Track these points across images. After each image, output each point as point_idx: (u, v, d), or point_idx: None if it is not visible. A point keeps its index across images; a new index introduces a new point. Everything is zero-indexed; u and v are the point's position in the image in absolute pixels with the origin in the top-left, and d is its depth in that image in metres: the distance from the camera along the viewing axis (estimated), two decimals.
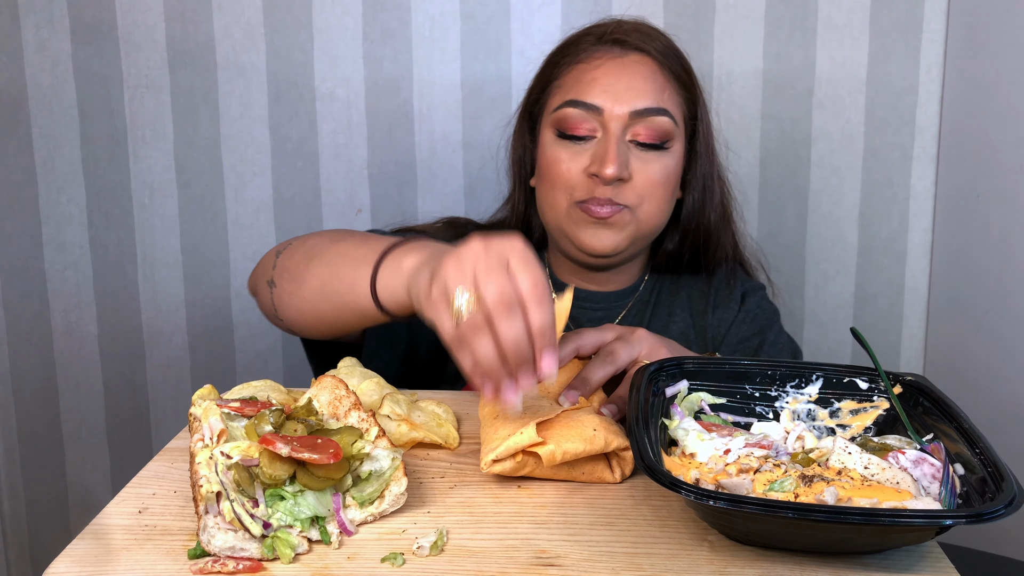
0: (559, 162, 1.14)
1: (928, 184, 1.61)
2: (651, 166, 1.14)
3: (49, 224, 1.70)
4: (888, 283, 1.65)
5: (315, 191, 1.68)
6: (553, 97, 1.18)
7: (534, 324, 0.73)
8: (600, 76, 1.14)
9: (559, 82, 1.18)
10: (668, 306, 1.25)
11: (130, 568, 0.65)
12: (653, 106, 1.13)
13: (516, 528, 0.71)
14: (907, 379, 0.82)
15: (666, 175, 1.15)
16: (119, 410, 1.77)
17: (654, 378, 0.82)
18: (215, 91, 1.64)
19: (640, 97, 1.12)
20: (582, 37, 1.19)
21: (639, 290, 1.26)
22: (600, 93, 1.13)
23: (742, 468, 0.72)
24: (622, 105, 1.12)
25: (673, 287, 1.27)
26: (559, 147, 1.15)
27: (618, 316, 1.24)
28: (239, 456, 0.68)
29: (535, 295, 0.73)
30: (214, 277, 1.71)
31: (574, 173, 1.13)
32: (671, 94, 1.16)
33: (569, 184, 1.14)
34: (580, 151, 1.14)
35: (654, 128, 1.13)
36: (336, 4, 1.61)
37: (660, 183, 1.14)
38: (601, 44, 1.17)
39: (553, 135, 1.16)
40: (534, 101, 1.22)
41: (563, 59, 1.19)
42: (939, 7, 1.55)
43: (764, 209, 1.64)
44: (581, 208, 1.13)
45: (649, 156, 1.14)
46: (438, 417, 0.87)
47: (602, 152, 1.11)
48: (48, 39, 1.63)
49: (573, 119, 1.13)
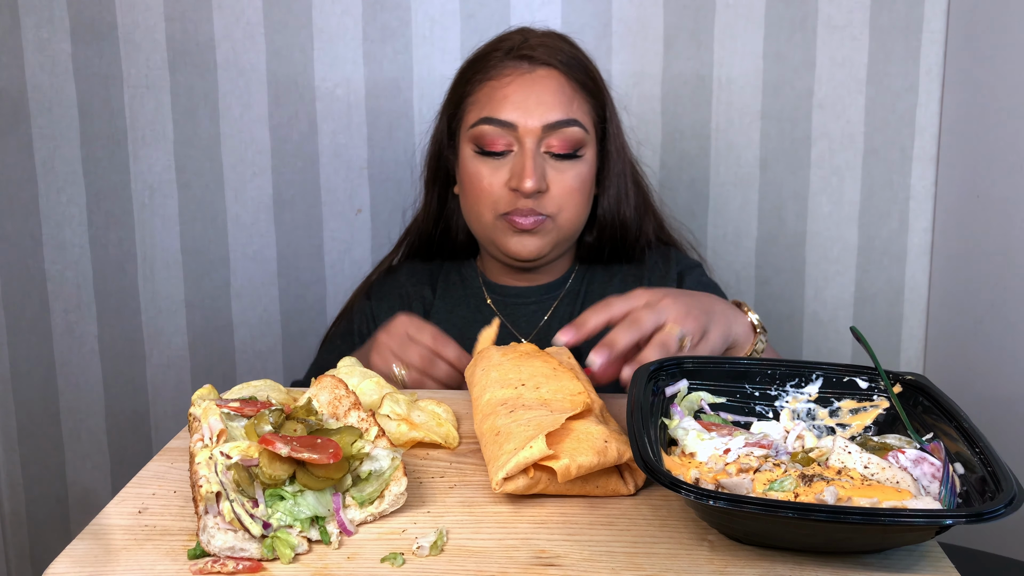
0: (480, 177, 1.22)
1: (928, 184, 1.61)
2: (566, 175, 1.21)
3: (49, 224, 1.70)
4: (888, 283, 1.65)
5: (315, 191, 1.68)
6: (468, 113, 1.24)
7: (452, 358, 1.08)
8: (511, 93, 1.20)
9: (473, 98, 1.24)
10: (600, 294, 1.28)
11: (130, 568, 0.65)
12: (564, 118, 1.20)
13: (516, 528, 0.71)
14: (907, 378, 0.82)
15: (581, 181, 1.23)
16: (119, 410, 1.77)
17: (654, 377, 0.82)
18: (215, 91, 1.64)
19: (551, 111, 1.19)
20: (491, 52, 1.25)
21: (569, 281, 1.32)
22: (513, 109, 1.19)
23: (742, 468, 0.72)
24: (534, 120, 1.19)
25: (605, 275, 1.32)
26: (479, 163, 1.22)
27: (550, 308, 1.30)
28: (239, 456, 0.68)
29: (438, 343, 1.08)
30: (214, 277, 1.71)
31: (496, 187, 1.21)
32: (579, 103, 1.23)
33: (492, 198, 1.21)
34: (499, 166, 1.21)
35: (566, 139, 1.20)
36: (336, 4, 1.61)
37: (576, 189, 1.22)
38: (510, 59, 1.23)
39: (472, 151, 1.23)
40: (451, 115, 1.29)
41: (475, 75, 1.25)
42: (939, 7, 1.55)
43: (764, 209, 1.64)
44: (506, 220, 1.22)
45: (563, 165, 1.21)
46: (438, 417, 0.87)
47: (519, 167, 1.19)
48: (48, 39, 1.63)
49: (490, 136, 1.20)
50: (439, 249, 1.36)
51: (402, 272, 1.37)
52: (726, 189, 1.64)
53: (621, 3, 1.59)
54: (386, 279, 1.37)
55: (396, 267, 1.39)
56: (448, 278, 1.35)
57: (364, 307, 1.35)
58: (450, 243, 1.35)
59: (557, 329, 1.25)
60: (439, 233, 1.34)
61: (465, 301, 1.32)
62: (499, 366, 0.90)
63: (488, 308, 1.31)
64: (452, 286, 1.34)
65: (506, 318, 1.30)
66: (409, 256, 1.39)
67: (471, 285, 1.34)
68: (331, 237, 1.69)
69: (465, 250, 1.36)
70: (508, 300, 1.31)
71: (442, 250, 1.36)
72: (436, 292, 1.33)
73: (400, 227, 1.51)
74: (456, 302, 1.32)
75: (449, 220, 1.34)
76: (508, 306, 1.31)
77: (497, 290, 1.32)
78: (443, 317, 1.30)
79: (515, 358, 0.91)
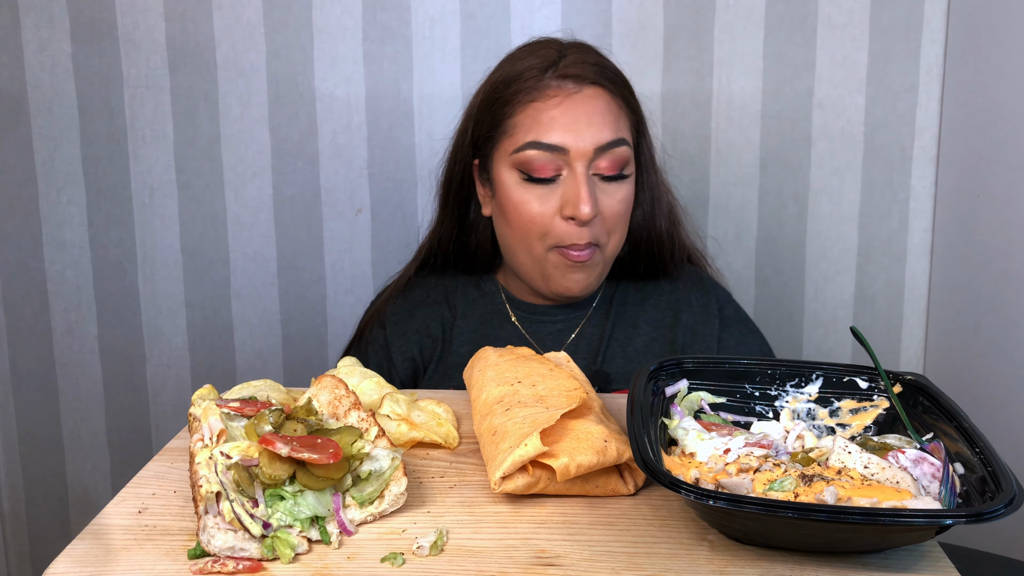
0: (528, 205, 1.15)
1: (928, 184, 1.61)
2: (615, 197, 1.16)
3: (49, 224, 1.70)
4: (888, 283, 1.65)
5: (315, 191, 1.68)
6: (509, 136, 1.16)
7: None
8: (559, 115, 1.13)
9: (513, 121, 1.16)
10: (632, 318, 1.25)
11: (130, 568, 0.65)
12: (614, 139, 1.14)
13: (516, 528, 0.71)
14: (907, 378, 0.82)
15: (628, 204, 1.18)
16: (119, 410, 1.77)
17: (654, 377, 0.82)
18: (215, 91, 1.64)
19: (601, 132, 1.13)
20: (526, 70, 1.17)
21: (596, 300, 1.26)
22: (563, 133, 1.13)
23: (742, 468, 0.72)
24: (586, 142, 1.13)
25: (638, 295, 1.27)
26: (524, 190, 1.15)
27: (577, 327, 1.25)
28: (239, 456, 0.68)
29: None
30: (214, 277, 1.71)
31: (547, 217, 1.14)
32: (624, 121, 1.17)
33: (543, 228, 1.15)
34: (548, 193, 1.14)
35: (615, 159, 1.15)
36: (336, 4, 1.61)
37: (624, 213, 1.18)
38: (553, 79, 1.15)
39: (517, 177, 1.16)
40: (485, 134, 1.20)
41: (513, 95, 1.17)
42: (939, 7, 1.55)
43: (764, 209, 1.64)
44: (560, 253, 1.15)
45: (612, 188, 1.16)
46: (438, 417, 0.87)
47: (573, 194, 1.12)
48: (48, 39, 1.63)
49: (539, 161, 1.13)
50: (454, 264, 1.29)
51: (415, 293, 1.29)
52: (726, 189, 1.64)
53: (621, 3, 1.59)
54: (398, 304, 1.29)
55: (407, 289, 1.30)
56: (467, 294, 1.28)
57: (378, 337, 1.27)
58: (467, 259, 1.28)
59: (584, 348, 1.21)
60: (455, 250, 1.28)
61: (488, 319, 1.26)
62: (495, 366, 0.90)
63: (513, 326, 1.25)
64: (472, 303, 1.27)
65: (531, 336, 1.24)
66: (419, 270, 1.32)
67: (494, 301, 1.27)
68: (331, 237, 1.69)
69: (483, 265, 1.29)
70: (534, 318, 1.25)
71: (457, 265, 1.29)
72: (455, 311, 1.26)
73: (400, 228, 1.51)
74: (479, 320, 1.26)
75: (467, 238, 1.27)
76: (534, 324, 1.25)
77: (522, 307, 1.26)
78: (467, 337, 1.24)
79: (512, 360, 0.91)
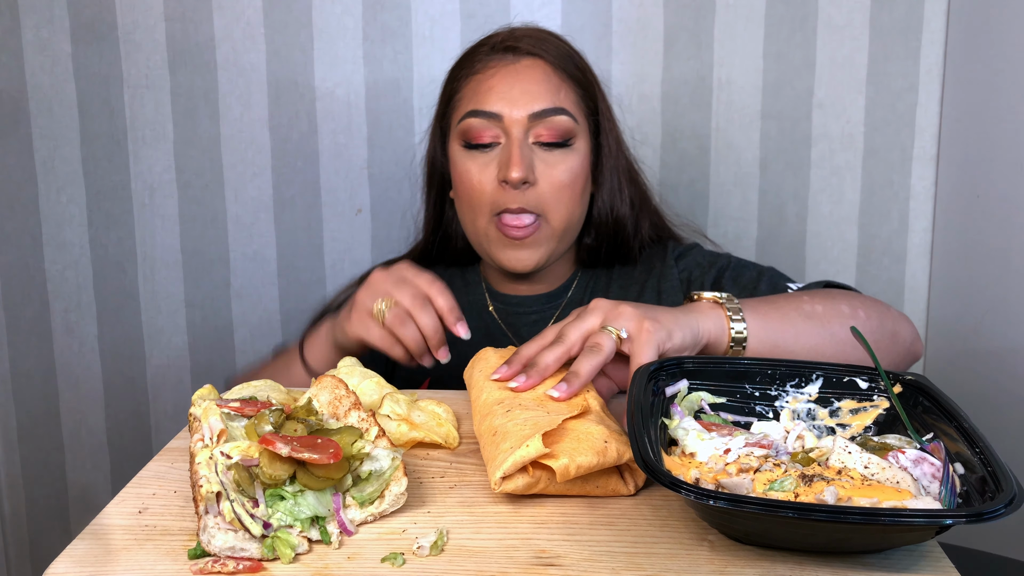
0: (470, 173, 1.19)
1: (928, 184, 1.61)
2: (556, 168, 1.17)
3: (49, 224, 1.70)
4: (888, 283, 1.65)
5: (315, 191, 1.68)
6: (456, 111, 1.22)
7: (443, 307, 1.02)
8: (496, 84, 1.18)
9: (459, 95, 1.22)
10: None
11: (130, 568, 0.65)
12: (550, 107, 1.17)
13: (516, 528, 0.71)
14: (907, 378, 0.81)
15: (572, 175, 1.18)
16: (119, 410, 1.77)
17: (654, 377, 0.82)
18: (215, 91, 1.64)
19: (537, 99, 1.16)
20: (477, 48, 1.23)
21: (571, 289, 1.29)
22: (497, 100, 1.17)
23: (742, 468, 0.72)
24: (520, 109, 1.16)
25: (606, 279, 1.29)
26: (467, 158, 1.19)
27: (551, 317, 1.27)
28: (239, 456, 0.68)
29: (434, 288, 1.03)
30: (214, 277, 1.71)
31: (486, 184, 1.17)
32: (567, 93, 1.19)
33: (483, 195, 1.18)
34: (488, 160, 1.18)
35: (555, 127, 1.17)
36: (336, 4, 1.61)
37: (567, 184, 1.18)
38: (494, 53, 1.21)
39: (460, 147, 1.20)
40: (440, 116, 1.26)
41: (461, 72, 1.23)
42: (939, 7, 1.55)
43: (764, 209, 1.64)
44: (498, 227, 1.18)
45: (554, 157, 1.17)
46: (438, 417, 0.87)
47: (506, 157, 1.16)
48: (48, 39, 1.63)
49: (476, 128, 1.17)
50: (439, 257, 1.32)
51: None
52: (726, 189, 1.64)
53: (621, 3, 1.59)
54: None
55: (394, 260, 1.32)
56: (452, 283, 1.28)
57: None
58: (450, 251, 1.31)
59: None
60: (439, 240, 1.31)
61: (468, 309, 1.27)
62: (495, 367, 0.90)
63: (490, 316, 1.28)
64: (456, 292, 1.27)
65: (508, 327, 1.27)
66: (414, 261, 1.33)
67: (475, 292, 1.31)
68: (331, 237, 1.69)
69: (466, 256, 1.32)
70: (510, 309, 1.28)
71: (443, 258, 1.32)
72: None
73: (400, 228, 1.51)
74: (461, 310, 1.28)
75: (448, 227, 1.30)
76: (510, 315, 1.28)
77: (500, 298, 1.30)
78: None
79: None
